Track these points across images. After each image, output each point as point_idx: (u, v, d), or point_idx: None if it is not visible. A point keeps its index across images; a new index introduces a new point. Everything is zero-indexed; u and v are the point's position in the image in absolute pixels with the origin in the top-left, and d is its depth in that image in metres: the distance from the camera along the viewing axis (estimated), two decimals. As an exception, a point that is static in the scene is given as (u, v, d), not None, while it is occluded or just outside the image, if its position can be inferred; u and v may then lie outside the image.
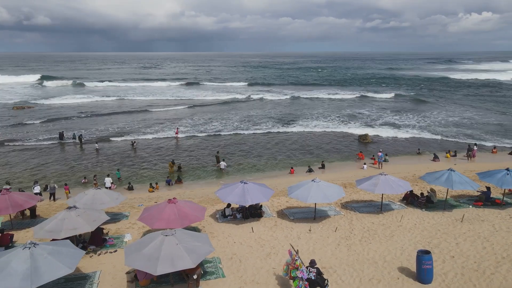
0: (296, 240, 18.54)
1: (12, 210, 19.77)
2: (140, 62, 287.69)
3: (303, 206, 24.06)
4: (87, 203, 20.28)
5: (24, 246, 12.69)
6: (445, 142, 45.65)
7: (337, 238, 18.62)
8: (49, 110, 68.25)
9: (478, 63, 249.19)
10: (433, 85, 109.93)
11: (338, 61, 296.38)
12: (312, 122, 57.14)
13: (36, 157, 39.20)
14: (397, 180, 21.94)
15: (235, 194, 20.18)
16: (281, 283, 14.32)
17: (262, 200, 20.53)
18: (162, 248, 13.16)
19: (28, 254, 12.36)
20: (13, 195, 20.60)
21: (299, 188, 20.58)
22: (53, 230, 16.06)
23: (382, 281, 14.20)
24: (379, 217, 21.60)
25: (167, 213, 17.23)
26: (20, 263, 12.08)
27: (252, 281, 14.54)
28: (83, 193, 21.27)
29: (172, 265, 12.78)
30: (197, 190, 30.52)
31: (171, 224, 16.87)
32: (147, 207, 18.85)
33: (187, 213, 17.63)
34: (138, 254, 13.27)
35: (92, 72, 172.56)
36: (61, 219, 16.52)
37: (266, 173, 35.73)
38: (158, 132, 50.53)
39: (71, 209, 17.21)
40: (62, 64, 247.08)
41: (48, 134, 49.10)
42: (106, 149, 42.90)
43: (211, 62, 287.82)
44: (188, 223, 17.32)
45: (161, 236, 13.75)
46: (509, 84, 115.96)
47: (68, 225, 16.24)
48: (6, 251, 12.94)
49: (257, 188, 20.79)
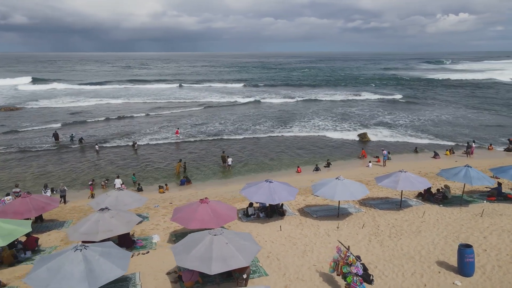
0: (326, 237, 18.76)
1: (35, 213, 19.38)
2: (125, 63, 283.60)
3: (322, 204, 24.32)
4: (111, 205, 19.96)
5: (76, 248, 12.47)
6: (439, 140, 46.69)
7: (366, 234, 18.91)
8: (41, 112, 66.68)
9: (467, 63, 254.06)
10: (423, 85, 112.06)
11: (329, 61, 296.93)
12: (311, 122, 57.56)
13: (35, 160, 38.28)
14: (417, 177, 22.42)
15: (262, 193, 20.25)
16: (326, 279, 14.49)
17: (289, 198, 20.67)
18: (213, 248, 13.13)
19: (81, 256, 12.16)
20: (34, 198, 20.19)
21: (324, 186, 20.80)
22: (88, 232, 15.80)
23: (425, 275, 14.54)
24: (400, 213, 22.02)
25: (201, 213, 17.17)
26: (74, 266, 11.87)
27: (297, 279, 14.66)
28: (106, 195, 20.98)
29: (225, 264, 12.78)
30: (208, 190, 30.43)
31: (207, 224, 16.84)
32: (177, 208, 18.71)
33: (221, 212, 17.62)
34: (188, 254, 13.20)
35: (79, 73, 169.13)
36: (95, 221, 16.27)
37: (273, 172, 35.78)
38: (157, 133, 50.03)
39: (103, 211, 16.96)
40: (48, 65, 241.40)
41: (45, 136, 47.97)
42: (107, 150, 42.26)
43: (198, 63, 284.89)
44: (223, 223, 17.31)
45: (210, 235, 13.72)
46: (487, 82, 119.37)
47: (103, 227, 16.01)
48: (56, 254, 12.67)
49: (282, 187, 20.93)
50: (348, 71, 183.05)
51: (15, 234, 15.76)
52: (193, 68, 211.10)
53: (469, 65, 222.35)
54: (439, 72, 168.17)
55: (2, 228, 15.63)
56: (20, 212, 18.95)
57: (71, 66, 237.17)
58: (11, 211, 18.93)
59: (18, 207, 19.15)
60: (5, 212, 18.94)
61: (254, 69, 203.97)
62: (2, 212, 19.06)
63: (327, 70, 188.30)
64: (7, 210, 19.05)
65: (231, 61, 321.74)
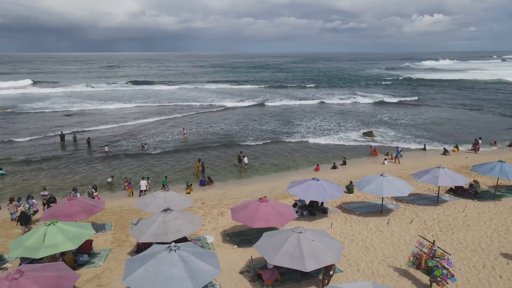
0: (379, 233, 19.05)
1: (85, 216, 18.84)
2: (107, 62, 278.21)
3: (358, 201, 24.66)
4: (160, 206, 19.72)
5: (170, 248, 12.29)
6: (441, 137, 47.90)
7: (418, 229, 19.31)
8: (36, 116, 64.71)
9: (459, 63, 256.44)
10: (412, 85, 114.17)
11: (324, 62, 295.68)
12: (313, 123, 57.98)
13: (44, 164, 37.17)
14: (455, 173, 23.02)
15: (311, 191, 20.38)
16: (403, 274, 14.76)
17: (337, 195, 20.88)
18: (302, 245, 13.18)
19: (177, 257, 11.99)
20: (81, 200, 19.66)
21: (370, 182, 21.11)
22: (158, 234, 15.55)
23: (496, 268, 14.99)
24: (439, 208, 22.57)
25: (264, 212, 17.12)
26: (173, 266, 11.71)
27: (373, 274, 14.87)
28: (152, 196, 20.63)
29: (317, 261, 12.86)
30: (234, 190, 30.27)
31: (271, 223, 16.87)
32: (234, 207, 18.56)
33: (282, 211, 17.66)
34: (277, 252, 13.20)
35: (69, 74, 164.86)
36: (162, 222, 16.01)
37: (291, 171, 35.91)
38: (163, 134, 49.38)
39: (167, 212, 16.70)
40: (25, 65, 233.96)
41: (49, 139, 46.61)
42: (116, 152, 41.46)
43: (184, 63, 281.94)
44: (286, 222, 17.33)
45: (294, 233, 13.75)
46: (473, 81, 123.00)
47: (171, 228, 15.79)
48: (147, 255, 12.41)
49: (329, 184, 21.15)
50: (348, 71, 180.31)
51: (82, 237, 15.36)
52: (186, 69, 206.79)
53: (457, 65, 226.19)
54: (435, 72, 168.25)
55: (69, 231, 15.20)
56: (70, 215, 18.38)
57: (51, 66, 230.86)
58: (60, 214, 18.35)
59: (67, 210, 18.58)
60: (55, 214, 18.34)
61: (251, 69, 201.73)
62: (52, 215, 18.46)
63: (328, 71, 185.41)
64: (56, 213, 18.46)
65: (216, 61, 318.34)
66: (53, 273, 11.65)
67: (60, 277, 11.57)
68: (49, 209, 19.54)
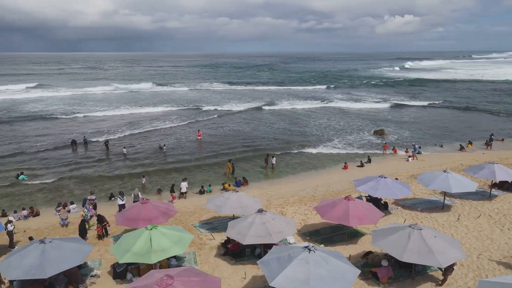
0: (454, 228, 19.39)
1: (163, 219, 18.23)
2: (82, 63, 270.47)
3: (410, 198, 24.90)
4: (234, 207, 19.41)
5: (309, 249, 12.08)
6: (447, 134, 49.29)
7: (491, 223, 19.78)
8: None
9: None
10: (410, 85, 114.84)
11: (307, 62, 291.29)
12: (322, 122, 58.27)
13: (68, 167, 35.85)
14: (507, 169, 23.72)
15: (381, 188, 20.50)
16: (509, 267, 15.05)
17: (408, 193, 21.18)
18: (427, 242, 13.25)
19: (319, 257, 11.83)
20: (154, 203, 19.02)
21: (436, 179, 21.46)
22: (261, 235, 15.25)
23: None
24: (494, 202, 23.24)
25: (355, 210, 17.07)
26: (319, 267, 11.53)
27: (478, 268, 15.12)
28: (223, 197, 20.19)
29: (446, 256, 12.96)
30: (274, 190, 29.97)
31: (365, 221, 16.91)
32: (319, 207, 18.40)
33: (369, 209, 17.70)
34: (404, 249, 13.21)
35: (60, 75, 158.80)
36: (261, 223, 15.65)
37: (319, 170, 35.90)
38: (176, 135, 48.52)
39: (262, 213, 16.37)
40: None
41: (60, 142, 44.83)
42: (134, 153, 40.39)
43: (168, 63, 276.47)
44: (377, 220, 17.42)
45: (415, 230, 13.82)
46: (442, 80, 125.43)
47: (273, 229, 15.49)
48: (285, 256, 12.13)
49: (397, 182, 21.42)
50: (348, 72, 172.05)
51: (185, 241, 14.85)
52: (170, 69, 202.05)
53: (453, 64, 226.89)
54: (435, 72, 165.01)
55: (171, 235, 14.66)
56: (149, 219, 17.72)
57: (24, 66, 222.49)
58: (140, 218, 17.64)
59: (145, 213, 17.85)
60: (134, 219, 17.65)
61: (239, 69, 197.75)
62: (129, 219, 17.80)
63: (326, 71, 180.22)
64: (134, 217, 17.76)
65: (199, 61, 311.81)
66: (198, 278, 11.24)
67: (205, 281, 11.18)
68: (122, 213, 18.78)
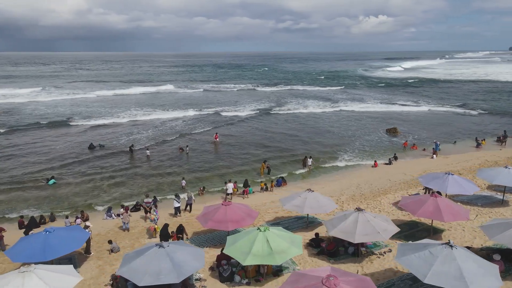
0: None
1: (250, 221, 18.20)
2: (58, 63, 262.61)
3: (464, 194, 25.29)
4: (313, 207, 19.57)
5: (447, 244, 12.39)
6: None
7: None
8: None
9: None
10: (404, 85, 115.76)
11: (300, 62, 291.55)
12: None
13: (88, 170, 35.11)
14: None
15: (453, 184, 21.24)
16: None
17: (475, 189, 22.05)
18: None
19: (458, 255, 12.19)
20: (236, 205, 18.92)
21: (499, 174, 22.25)
22: (346, 231, 15.68)
23: None
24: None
25: (446, 206, 17.54)
26: (465, 262, 11.90)
27: None
28: (299, 197, 20.27)
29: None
30: (316, 189, 30.02)
31: (458, 217, 17.54)
32: (404, 204, 18.74)
33: (459, 206, 18.31)
34: None
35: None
36: (365, 221, 15.84)
37: (349, 170, 36.14)
38: (191, 135, 48.04)
39: (362, 212, 16.54)
40: None
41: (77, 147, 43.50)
42: (157, 155, 39.75)
43: (153, 63, 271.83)
44: (467, 216, 17.93)
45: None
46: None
47: (379, 227, 15.70)
48: (424, 248, 12.40)
49: (464, 179, 22.23)
50: (348, 72, 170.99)
51: (297, 241, 14.86)
52: (167, 69, 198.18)
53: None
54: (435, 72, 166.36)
55: (284, 236, 14.63)
56: (236, 220, 17.65)
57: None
58: (228, 219, 17.48)
59: (232, 215, 17.70)
60: (222, 220, 17.47)
61: (232, 69, 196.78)
62: (217, 221, 17.58)
63: (324, 71, 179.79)
64: (225, 219, 17.58)
65: (199, 61, 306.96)
66: (352, 277, 11.33)
67: (361, 280, 11.28)
68: (205, 216, 18.36)
